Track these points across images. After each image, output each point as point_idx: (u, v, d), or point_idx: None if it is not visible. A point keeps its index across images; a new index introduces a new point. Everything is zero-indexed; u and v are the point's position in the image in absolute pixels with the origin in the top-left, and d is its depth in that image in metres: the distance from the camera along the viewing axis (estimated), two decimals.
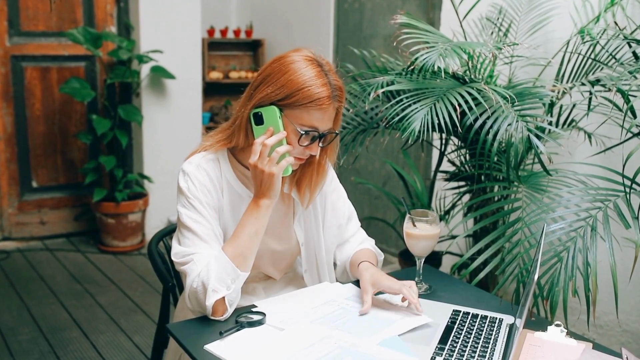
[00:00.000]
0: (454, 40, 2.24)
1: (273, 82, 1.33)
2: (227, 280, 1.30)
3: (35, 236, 4.07)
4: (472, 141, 2.16)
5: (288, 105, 1.32)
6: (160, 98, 4.04)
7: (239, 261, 1.32)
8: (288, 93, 1.31)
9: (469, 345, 1.25)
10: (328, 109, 1.34)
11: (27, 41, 3.86)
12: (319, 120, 1.34)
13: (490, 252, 1.77)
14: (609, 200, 1.73)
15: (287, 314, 1.35)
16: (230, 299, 1.31)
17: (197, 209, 1.36)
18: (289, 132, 1.34)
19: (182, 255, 1.35)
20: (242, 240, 1.33)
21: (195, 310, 1.34)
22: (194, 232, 1.35)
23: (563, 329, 1.27)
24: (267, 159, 1.32)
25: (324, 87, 1.32)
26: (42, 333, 2.82)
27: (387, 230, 3.84)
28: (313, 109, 1.32)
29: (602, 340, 2.55)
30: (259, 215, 1.34)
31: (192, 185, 1.38)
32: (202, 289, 1.29)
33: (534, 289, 1.12)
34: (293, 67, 1.33)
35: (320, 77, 1.33)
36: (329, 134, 1.38)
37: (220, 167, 1.43)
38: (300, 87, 1.31)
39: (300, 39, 4.28)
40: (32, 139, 3.96)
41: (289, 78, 1.32)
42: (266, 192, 1.34)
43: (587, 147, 2.40)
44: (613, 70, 2.03)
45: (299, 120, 1.33)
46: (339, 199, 1.61)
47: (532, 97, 1.97)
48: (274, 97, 1.33)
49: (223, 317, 1.32)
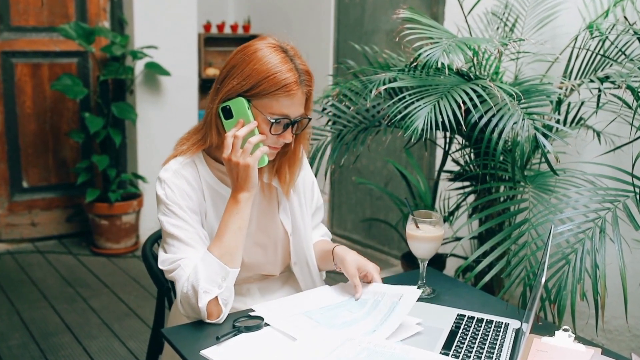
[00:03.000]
0: (459, 35, 2.24)
1: (238, 73, 1.34)
2: (217, 279, 1.31)
3: (26, 238, 4.07)
4: (477, 140, 2.16)
5: (256, 95, 1.34)
6: (155, 95, 4.04)
7: (227, 259, 1.32)
8: (254, 83, 1.32)
9: (474, 350, 1.25)
10: (297, 95, 1.35)
11: (18, 36, 3.86)
12: (288, 107, 1.35)
13: (496, 254, 1.77)
14: (619, 200, 1.73)
15: (287, 318, 1.35)
16: (224, 298, 1.32)
17: (177, 215, 1.37)
18: (259, 122, 1.35)
19: (169, 262, 1.36)
20: (227, 237, 1.33)
21: (190, 316, 1.34)
22: (177, 238, 1.36)
23: (571, 333, 1.27)
24: (240, 151, 1.33)
25: (290, 72, 1.33)
26: (33, 338, 2.82)
27: (389, 232, 3.85)
28: (281, 96, 1.33)
29: (612, 346, 2.55)
30: (240, 210, 1.35)
31: (170, 192, 1.39)
32: (193, 292, 1.30)
33: (541, 292, 1.12)
34: (257, 56, 1.34)
35: (286, 63, 1.34)
36: (301, 119, 1.40)
37: (198, 170, 1.44)
38: (266, 75, 1.32)
39: (300, 34, 4.28)
40: (23, 138, 3.96)
41: (254, 67, 1.33)
42: (244, 185, 1.35)
43: (595, 146, 2.40)
44: (622, 66, 2.03)
45: (268, 109, 1.34)
46: (314, 185, 1.64)
47: (539, 94, 1.97)
48: (241, 88, 1.34)
49: (219, 319, 1.32)
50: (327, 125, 2.43)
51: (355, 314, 1.37)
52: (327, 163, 2.38)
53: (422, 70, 2.08)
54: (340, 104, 2.38)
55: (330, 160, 2.34)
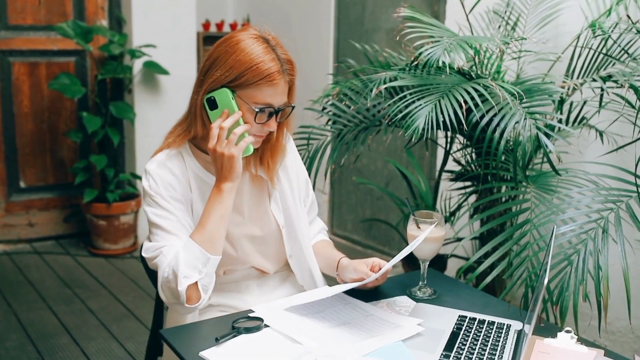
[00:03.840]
0: (460, 34, 2.24)
1: (222, 64, 1.38)
2: (197, 265, 1.34)
3: (23, 238, 4.07)
4: (478, 139, 2.16)
5: (239, 85, 1.38)
6: (154, 95, 4.04)
7: (208, 246, 1.36)
8: (238, 73, 1.37)
9: (476, 352, 1.25)
10: (280, 84, 1.39)
11: (15, 35, 3.86)
12: (272, 96, 1.39)
13: (498, 255, 1.77)
14: (621, 201, 1.73)
15: (287, 319, 1.35)
16: (204, 283, 1.35)
17: (160, 205, 1.43)
18: (244, 112, 1.39)
19: (152, 250, 1.41)
20: (209, 225, 1.37)
21: (170, 302, 1.38)
22: (160, 227, 1.41)
23: (573, 335, 1.27)
24: (225, 142, 1.37)
25: (272, 62, 1.37)
26: (31, 339, 2.82)
27: (389, 232, 3.84)
28: (264, 85, 1.37)
29: (614, 347, 2.55)
30: (222, 199, 1.38)
31: (153, 183, 1.44)
32: (173, 276, 1.34)
33: (543, 293, 1.12)
34: (240, 47, 1.38)
35: (268, 53, 1.38)
36: (285, 108, 1.44)
37: (185, 161, 1.48)
38: (249, 65, 1.36)
39: (299, 33, 4.28)
40: (20, 138, 3.96)
41: (237, 58, 1.37)
42: (228, 175, 1.38)
43: (598, 146, 2.40)
44: (625, 65, 2.03)
45: (252, 98, 1.38)
46: (308, 181, 1.68)
47: (541, 93, 1.97)
48: (225, 79, 1.38)
49: (198, 304, 1.36)
50: (327, 125, 2.43)
51: (348, 321, 1.37)
52: (327, 163, 2.38)
53: (423, 69, 2.08)
54: (341, 103, 2.38)
55: (330, 160, 2.34)
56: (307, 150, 2.41)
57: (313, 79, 4.05)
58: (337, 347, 1.24)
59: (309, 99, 2.57)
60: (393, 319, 1.37)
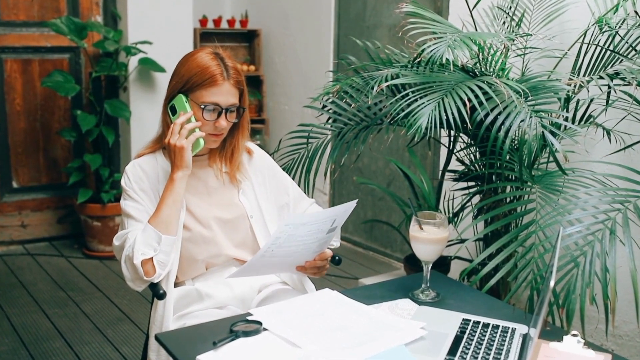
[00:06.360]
0: (464, 30, 2.24)
1: (176, 74, 1.68)
2: (152, 243, 1.57)
3: (16, 240, 4.07)
4: (482, 138, 2.16)
5: (190, 89, 1.64)
6: (149, 92, 4.04)
7: (161, 227, 1.59)
8: (187, 78, 1.64)
9: (480, 356, 1.25)
10: (223, 85, 1.63)
11: (7, 31, 3.86)
12: (216, 95, 1.63)
13: (502, 257, 1.77)
14: (629, 201, 1.73)
15: (286, 322, 1.35)
16: (159, 259, 1.58)
17: (131, 197, 1.68)
18: (195, 111, 1.64)
19: (121, 237, 1.64)
20: (162, 210, 1.60)
21: (133, 277, 1.60)
22: (130, 216, 1.66)
23: (580, 339, 1.27)
24: (178, 135, 1.62)
25: (216, 67, 1.63)
26: (23, 344, 2.82)
27: (391, 233, 3.85)
28: (209, 86, 1.62)
29: (622, 351, 2.55)
30: (174, 187, 1.62)
31: (127, 179, 1.69)
32: (132, 253, 1.57)
33: (549, 296, 1.12)
34: (192, 58, 1.66)
35: (214, 60, 1.64)
36: (235, 109, 1.67)
37: (157, 160, 1.73)
38: (197, 70, 1.63)
39: (299, 29, 4.28)
40: (12, 136, 3.96)
41: (188, 67, 1.65)
42: (179, 164, 1.62)
43: (605, 145, 2.40)
44: (633, 62, 2.03)
45: (200, 98, 1.63)
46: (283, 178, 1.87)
47: (546, 91, 1.97)
48: (179, 86, 1.66)
49: (155, 277, 1.58)
50: (327, 123, 2.43)
51: (349, 324, 1.37)
52: (327, 162, 2.38)
53: (425, 66, 2.08)
54: (341, 101, 2.38)
55: (331, 159, 2.34)
56: (307, 149, 2.41)
57: (313, 76, 4.06)
58: (337, 350, 1.24)
59: (308, 97, 2.56)
60: (395, 323, 1.37)
